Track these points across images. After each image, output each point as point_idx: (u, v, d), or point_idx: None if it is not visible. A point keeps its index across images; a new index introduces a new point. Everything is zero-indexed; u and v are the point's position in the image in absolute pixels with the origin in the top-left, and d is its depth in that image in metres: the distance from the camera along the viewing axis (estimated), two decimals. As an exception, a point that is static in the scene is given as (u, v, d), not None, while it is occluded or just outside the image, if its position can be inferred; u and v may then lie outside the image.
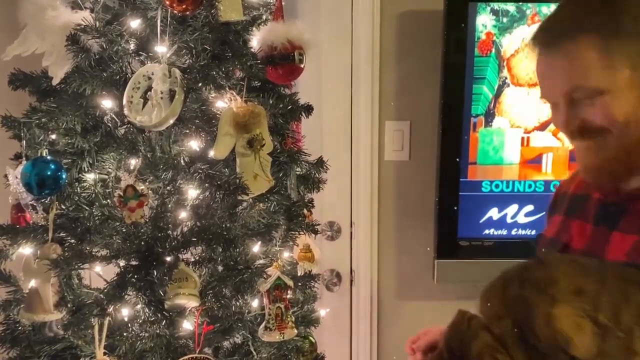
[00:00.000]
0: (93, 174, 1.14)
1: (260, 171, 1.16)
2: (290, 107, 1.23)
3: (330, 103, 2.07)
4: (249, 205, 1.27)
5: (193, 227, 1.16)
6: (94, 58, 1.10)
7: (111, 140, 1.10)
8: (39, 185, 1.06)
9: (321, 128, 2.08)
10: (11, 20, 1.18)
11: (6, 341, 1.19)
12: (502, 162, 1.96)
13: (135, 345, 1.12)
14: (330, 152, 2.04)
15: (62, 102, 1.13)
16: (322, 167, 1.37)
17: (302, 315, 1.39)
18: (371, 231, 2.13)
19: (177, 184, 1.16)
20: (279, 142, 1.27)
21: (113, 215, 1.13)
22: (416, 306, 2.17)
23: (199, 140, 1.16)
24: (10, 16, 1.16)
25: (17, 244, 1.18)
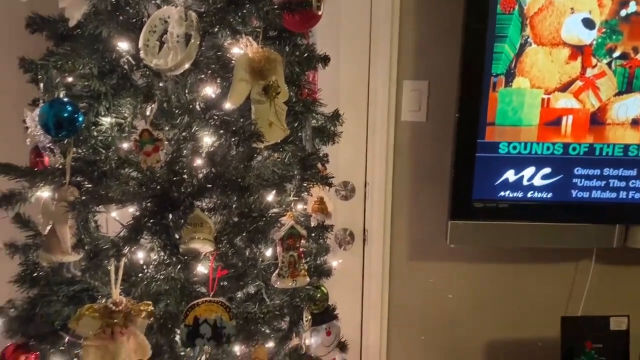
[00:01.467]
0: (109, 118, 1.14)
1: (275, 119, 1.15)
2: (307, 55, 1.22)
3: (347, 61, 2.05)
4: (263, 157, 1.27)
5: (208, 174, 1.17)
6: (110, 1, 1.10)
7: (127, 83, 1.10)
8: (56, 127, 1.07)
9: (338, 87, 2.06)
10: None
11: (26, 281, 1.22)
12: (521, 123, 1.93)
13: (151, 287, 1.14)
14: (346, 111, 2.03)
15: (78, 45, 1.13)
16: (338, 120, 1.36)
17: (315, 266, 1.40)
18: (385, 191, 2.13)
19: (193, 130, 1.16)
20: (295, 92, 1.25)
21: (129, 159, 1.14)
22: (428, 267, 2.18)
23: (214, 87, 1.16)
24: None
25: (36, 187, 1.19)
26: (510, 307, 2.21)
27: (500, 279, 2.19)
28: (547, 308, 2.19)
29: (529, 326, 2.22)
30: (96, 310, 1.04)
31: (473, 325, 2.22)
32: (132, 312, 1.05)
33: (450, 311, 2.20)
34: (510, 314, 2.21)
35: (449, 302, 2.20)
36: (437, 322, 2.21)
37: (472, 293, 2.20)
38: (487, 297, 2.20)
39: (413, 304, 2.21)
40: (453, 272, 2.18)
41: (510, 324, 2.22)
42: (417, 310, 2.21)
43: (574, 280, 2.19)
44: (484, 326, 2.22)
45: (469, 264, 2.18)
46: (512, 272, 2.19)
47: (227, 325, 1.14)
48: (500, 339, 2.23)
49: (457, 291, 2.20)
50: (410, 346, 2.23)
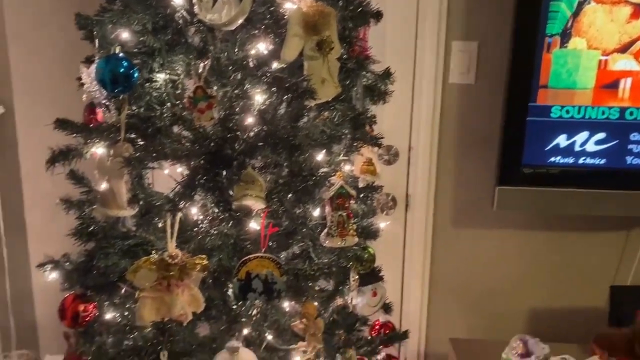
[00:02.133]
0: (163, 75, 1.15)
1: (328, 76, 1.13)
2: (361, 10, 1.19)
3: (394, 20, 1.99)
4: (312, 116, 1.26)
5: (260, 132, 1.17)
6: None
7: (181, 39, 1.10)
8: (113, 82, 1.08)
9: (383, 48, 2.01)
10: None
11: (83, 235, 1.26)
12: (576, 86, 1.85)
13: (204, 242, 1.16)
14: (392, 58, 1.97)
15: (132, 1, 1.13)
16: (389, 78, 1.34)
17: (362, 227, 1.40)
18: (430, 156, 2.10)
19: (245, 87, 1.15)
20: (346, 49, 1.23)
21: (183, 116, 1.15)
22: (472, 234, 2.15)
23: (267, 43, 1.14)
24: None
25: (91, 143, 1.22)
26: (557, 275, 2.17)
27: (547, 246, 2.15)
28: (595, 277, 2.15)
29: (575, 295, 2.18)
30: (153, 263, 1.06)
31: (517, 293, 2.19)
32: (187, 265, 1.07)
33: (494, 279, 2.18)
34: (556, 282, 2.18)
35: (492, 269, 2.18)
36: (480, 289, 2.20)
37: (517, 261, 2.17)
38: (533, 265, 2.17)
39: (455, 271, 2.19)
40: (498, 239, 2.15)
41: (556, 293, 2.19)
42: (459, 278, 2.20)
43: (624, 249, 2.13)
44: (528, 295, 2.19)
45: (515, 231, 2.14)
46: (559, 239, 2.14)
47: (277, 281, 1.15)
48: (545, 307, 2.20)
49: (501, 258, 2.17)
50: (451, 313, 2.22)
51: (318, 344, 1.20)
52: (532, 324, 2.21)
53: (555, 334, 2.01)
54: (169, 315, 1.09)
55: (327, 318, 1.31)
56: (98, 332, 1.28)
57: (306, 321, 1.19)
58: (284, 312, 1.25)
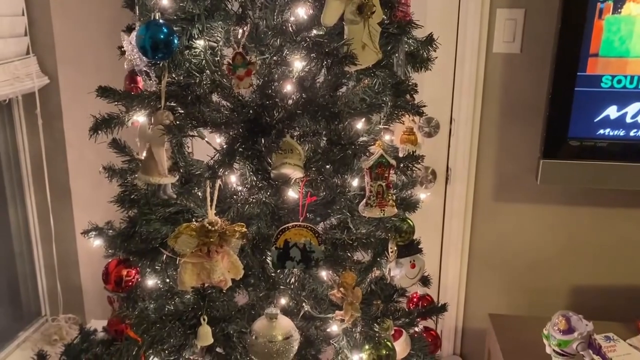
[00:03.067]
0: (202, 41, 1.14)
1: (369, 41, 1.10)
2: (404, -27, 1.15)
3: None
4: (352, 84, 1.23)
5: (299, 100, 1.15)
6: None
7: (220, 4, 1.09)
8: (153, 49, 1.08)
9: (425, 14, 1.96)
10: None
11: (125, 201, 1.28)
12: (629, 54, 1.76)
13: (243, 211, 1.16)
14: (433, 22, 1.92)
15: (172, -33, 1.12)
16: (432, 45, 1.30)
17: (401, 198, 1.37)
18: (472, 128, 2.05)
19: (284, 54, 1.14)
20: (388, 13, 1.19)
21: (222, 83, 1.14)
22: (514, 208, 2.10)
23: (306, 7, 1.12)
24: None
25: (133, 111, 1.23)
26: (600, 252, 2.10)
27: (592, 222, 2.08)
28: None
29: (620, 273, 2.11)
30: (194, 230, 1.07)
31: (559, 269, 2.14)
32: (227, 232, 1.07)
33: (536, 254, 2.13)
34: (600, 259, 2.11)
35: (534, 244, 2.12)
36: (521, 265, 2.15)
37: (560, 236, 2.11)
38: (576, 241, 2.11)
39: (496, 245, 2.15)
40: (541, 214, 2.09)
41: (599, 270, 2.12)
42: (499, 252, 2.15)
43: (675, 227, 2.04)
44: (570, 271, 2.14)
45: (559, 206, 2.08)
46: (605, 215, 2.07)
47: (315, 250, 1.15)
48: (588, 284, 2.15)
49: (544, 233, 2.11)
50: (491, 288, 2.19)
51: (356, 312, 1.19)
52: (574, 301, 2.15)
53: (598, 312, 1.96)
54: (209, 281, 1.10)
55: (365, 289, 1.30)
56: (140, 297, 1.31)
57: (344, 290, 1.18)
58: (321, 281, 1.25)
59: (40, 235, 1.90)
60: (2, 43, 1.63)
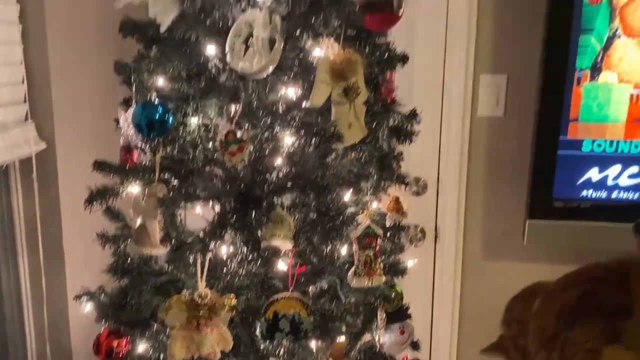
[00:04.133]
0: (196, 119, 1.19)
1: (354, 120, 1.16)
2: (387, 56, 1.22)
3: (423, 53, 2.01)
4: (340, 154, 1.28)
5: (288, 173, 1.20)
6: (198, 6, 1.14)
7: (214, 86, 1.14)
8: (148, 128, 1.13)
9: (412, 79, 2.04)
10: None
11: (118, 271, 1.31)
12: (607, 119, 1.83)
13: (233, 282, 1.19)
14: (420, 105, 2.00)
15: (168, 49, 1.18)
16: (415, 119, 1.35)
17: (390, 264, 1.40)
18: (459, 188, 2.09)
19: (274, 131, 1.19)
20: (373, 92, 1.26)
21: (215, 158, 1.19)
22: (502, 267, 2.13)
23: (296, 88, 1.18)
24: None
25: (127, 183, 1.27)
26: (590, 310, 2.12)
27: None
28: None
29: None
30: (184, 303, 1.09)
31: (549, 327, 2.14)
32: (217, 305, 1.10)
33: (525, 312, 2.14)
34: (590, 317, 2.12)
35: (523, 302, 2.14)
36: (511, 322, 2.16)
37: (549, 294, 2.13)
38: (565, 300, 2.12)
39: (486, 304, 2.16)
40: (529, 273, 2.10)
41: (590, 328, 2.13)
42: (489, 311, 2.15)
43: (662, 286, 2.07)
44: (560, 329, 2.14)
45: (547, 265, 2.10)
46: (592, 274, 2.09)
47: (304, 321, 1.17)
48: (578, 343, 2.15)
49: (532, 292, 2.13)
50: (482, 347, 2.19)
51: (345, 383, 1.20)
52: None
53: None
54: (198, 353, 1.12)
55: (355, 357, 1.31)
56: (130, 366, 1.32)
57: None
58: (311, 351, 1.26)
59: (31, 298, 1.90)
60: (2, 111, 1.68)
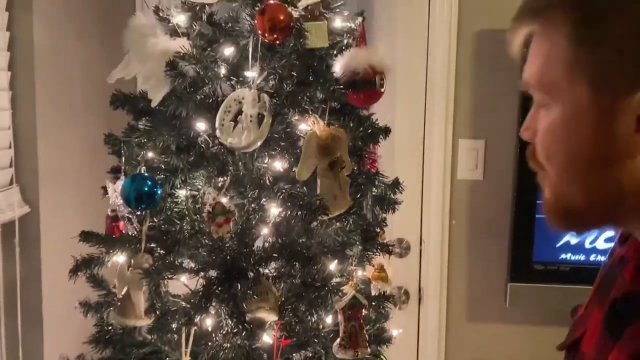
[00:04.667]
0: (184, 190, 1.21)
1: (339, 192, 1.19)
2: (370, 131, 1.27)
3: (403, 119, 2.09)
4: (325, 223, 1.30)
5: (274, 244, 1.21)
6: (189, 82, 1.18)
7: (203, 159, 1.17)
8: (137, 200, 1.14)
9: (393, 144, 2.09)
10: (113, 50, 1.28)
11: (100, 342, 1.29)
12: (582, 185, 1.90)
13: (218, 355, 1.18)
14: (402, 169, 2.06)
15: (158, 123, 1.22)
16: (398, 188, 1.39)
17: (374, 333, 1.41)
18: (441, 250, 2.12)
19: (261, 202, 1.21)
20: (357, 163, 1.30)
21: (201, 229, 1.20)
22: (486, 329, 2.13)
23: (282, 161, 1.21)
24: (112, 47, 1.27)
25: (112, 253, 1.27)
26: (573, 373, 2.12)
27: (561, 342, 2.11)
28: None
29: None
30: (168, 378, 1.08)
31: (533, 390, 2.14)
32: (201, 380, 1.09)
33: (509, 375, 2.14)
34: (574, 380, 2.12)
35: (507, 365, 2.14)
36: (496, 385, 2.15)
37: (532, 357, 2.13)
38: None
39: (470, 366, 2.16)
40: (512, 335, 2.13)
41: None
42: (474, 373, 2.16)
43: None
44: (545, 392, 2.14)
45: (529, 327, 2.12)
46: (574, 336, 2.11)
47: (290, 394, 1.16)
48: (563, 406, 2.14)
49: (517, 354, 2.13)
50: (467, 410, 2.16)
51: None
52: None
53: None
54: None
55: None
56: None
57: None
58: None
59: (6, 364, 1.85)
60: (-13, 176, 1.68)
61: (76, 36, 1.91)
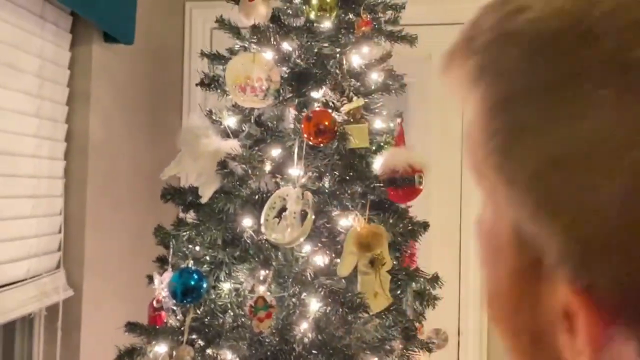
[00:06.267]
0: (228, 284, 1.24)
1: (380, 289, 1.20)
2: (410, 227, 1.29)
3: (439, 212, 2.11)
4: (364, 319, 1.31)
5: (314, 340, 1.22)
6: (237, 179, 1.25)
7: (247, 254, 1.21)
8: (183, 294, 1.18)
9: (429, 234, 2.11)
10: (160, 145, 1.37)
11: None
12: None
13: None
14: (439, 260, 2.07)
15: (206, 217, 1.27)
16: (437, 283, 1.40)
17: None
18: (480, 341, 2.07)
19: (302, 296, 1.23)
20: (397, 259, 1.32)
21: (243, 323, 1.22)
22: None
23: (324, 256, 1.24)
24: (159, 142, 1.35)
25: (155, 343, 1.29)
26: None
27: None
28: None
29: None
30: None
31: None
32: None
33: None
34: None
35: None
36: None
37: None
38: None
39: None
40: None
41: None
42: None
43: None
44: None
45: None
46: None
47: None
48: None
49: None
50: None
51: None
52: None
53: None
54: None
55: None
56: None
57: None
58: None
59: None
60: (37, 261, 1.75)
61: (127, 131, 2.04)
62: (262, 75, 1.25)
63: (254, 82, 1.25)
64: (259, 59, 1.26)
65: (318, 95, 1.26)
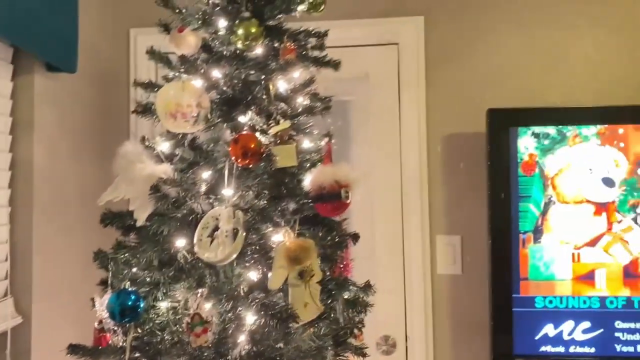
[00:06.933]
0: (165, 303, 1.30)
1: (310, 299, 1.28)
2: (338, 240, 1.37)
3: (382, 221, 2.21)
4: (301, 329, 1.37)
5: (250, 351, 1.28)
6: (171, 202, 1.31)
7: (182, 273, 1.27)
8: (121, 314, 1.23)
9: (374, 244, 2.20)
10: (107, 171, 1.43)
11: None
12: (554, 278, 1.98)
13: None
14: (384, 268, 2.16)
15: (143, 239, 1.33)
16: (369, 290, 1.47)
17: None
18: (426, 345, 2.16)
19: (237, 310, 1.29)
20: (328, 269, 1.39)
21: (181, 339, 1.27)
22: None
23: (256, 271, 1.31)
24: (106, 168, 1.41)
25: (99, 363, 1.33)
26: None
27: None
28: None
29: None
30: None
31: None
32: None
33: None
34: None
35: None
36: None
37: None
38: None
39: None
40: None
41: None
42: None
43: None
44: None
45: (518, 423, 2.11)
46: None
47: None
48: None
49: None
50: None
51: None
52: None
53: None
54: None
55: None
56: None
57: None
58: None
59: None
60: (-17, 289, 1.77)
61: (74, 157, 2.08)
62: (192, 102, 1.32)
63: (184, 108, 1.32)
64: (188, 86, 1.33)
65: (245, 120, 1.33)
